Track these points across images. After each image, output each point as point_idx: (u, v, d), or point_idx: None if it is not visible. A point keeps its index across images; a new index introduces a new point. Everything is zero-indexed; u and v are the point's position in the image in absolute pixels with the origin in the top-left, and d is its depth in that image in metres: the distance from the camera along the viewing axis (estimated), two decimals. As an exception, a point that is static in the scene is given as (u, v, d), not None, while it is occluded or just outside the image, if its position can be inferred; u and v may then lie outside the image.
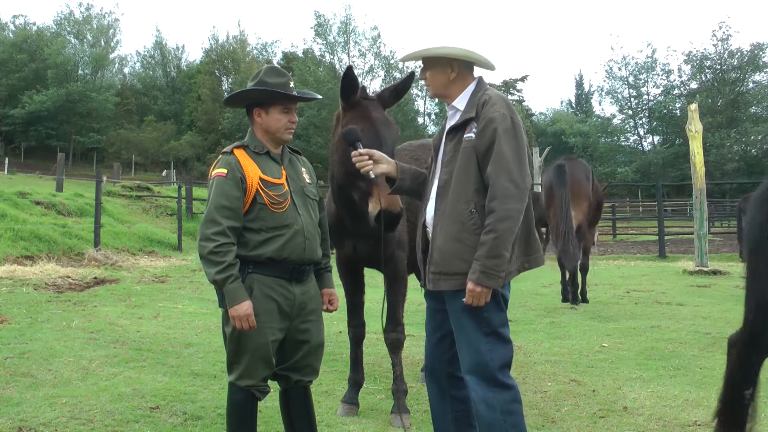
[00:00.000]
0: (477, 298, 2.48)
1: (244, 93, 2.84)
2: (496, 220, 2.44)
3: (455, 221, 2.55)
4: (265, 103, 2.79)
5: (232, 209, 2.67)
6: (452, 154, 2.63)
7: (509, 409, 2.53)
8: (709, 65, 44.91)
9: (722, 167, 40.48)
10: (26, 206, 13.71)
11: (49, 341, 5.50)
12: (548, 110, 73.19)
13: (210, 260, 2.62)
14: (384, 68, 51.41)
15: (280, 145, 2.88)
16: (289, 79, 2.82)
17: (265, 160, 2.81)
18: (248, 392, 2.77)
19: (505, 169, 2.47)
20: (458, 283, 2.53)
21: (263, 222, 2.72)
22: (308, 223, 2.83)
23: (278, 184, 2.78)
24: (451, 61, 2.67)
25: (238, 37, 58.32)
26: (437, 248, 2.60)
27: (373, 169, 2.76)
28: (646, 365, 5.06)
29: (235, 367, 2.76)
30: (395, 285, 3.92)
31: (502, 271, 2.47)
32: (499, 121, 2.51)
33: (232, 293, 2.62)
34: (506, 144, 2.49)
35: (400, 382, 3.90)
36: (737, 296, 9.02)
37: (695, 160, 12.45)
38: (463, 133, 2.61)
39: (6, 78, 50.43)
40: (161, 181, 34.17)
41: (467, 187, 2.56)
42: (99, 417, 3.67)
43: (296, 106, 2.87)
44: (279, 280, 2.74)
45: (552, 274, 12.18)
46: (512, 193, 2.46)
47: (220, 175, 2.71)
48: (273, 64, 2.99)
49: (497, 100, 2.58)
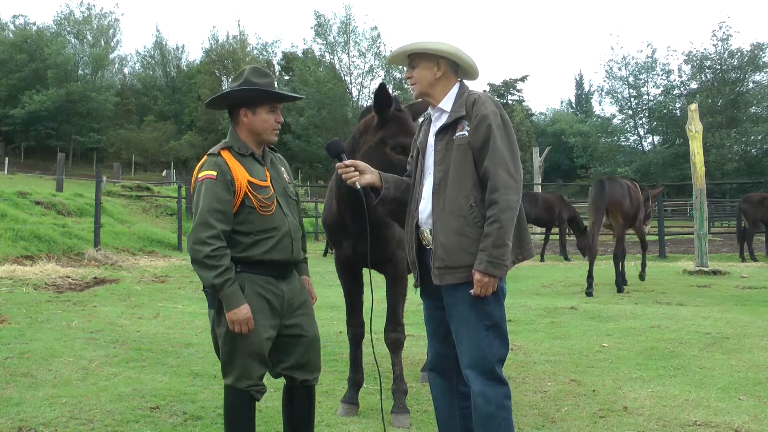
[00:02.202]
0: (485, 287, 2.54)
1: (233, 93, 2.78)
2: (498, 211, 2.52)
3: (456, 216, 2.61)
4: (251, 104, 2.77)
5: (223, 212, 2.65)
6: (445, 153, 2.68)
7: (503, 404, 2.61)
8: (709, 65, 44.89)
9: (722, 167, 40.46)
10: (26, 206, 13.72)
11: (49, 341, 5.50)
12: (548, 110, 73.37)
13: (206, 264, 2.62)
14: (384, 68, 51.36)
15: (262, 146, 2.87)
16: (273, 80, 2.85)
17: (250, 161, 2.79)
18: (246, 393, 2.76)
19: (502, 162, 2.56)
20: (464, 275, 2.59)
21: (252, 225, 2.72)
22: (293, 224, 2.86)
23: (265, 187, 2.78)
24: (437, 58, 2.73)
25: (238, 37, 58.32)
26: (440, 244, 2.63)
27: (359, 179, 2.80)
28: (646, 365, 5.06)
29: (231, 369, 2.75)
30: (396, 285, 3.93)
31: (506, 260, 2.55)
32: (492, 118, 2.61)
33: (230, 297, 2.62)
34: (501, 139, 2.59)
35: (400, 382, 3.91)
36: (737, 296, 9.02)
37: (695, 160, 12.45)
38: (455, 131, 2.67)
39: (6, 78, 50.43)
40: (161, 181, 34.19)
41: (465, 182, 2.62)
42: (99, 417, 3.67)
43: (280, 107, 2.87)
44: (267, 278, 2.76)
45: (552, 275, 12.20)
46: (511, 185, 2.55)
47: (210, 177, 2.68)
48: (255, 65, 2.99)
49: (486, 99, 2.68)
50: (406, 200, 2.89)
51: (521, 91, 57.61)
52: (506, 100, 55.84)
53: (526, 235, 2.75)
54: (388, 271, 3.93)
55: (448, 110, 2.72)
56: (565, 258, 15.56)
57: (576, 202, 20.88)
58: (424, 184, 2.76)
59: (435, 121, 2.79)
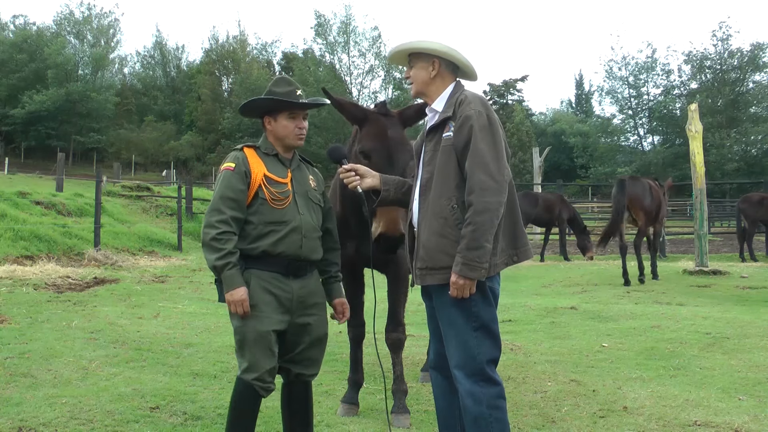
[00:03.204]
0: (461, 290, 2.54)
1: (251, 103, 3.01)
2: (474, 213, 2.51)
3: (438, 217, 2.62)
4: (273, 111, 2.95)
5: (236, 200, 2.80)
6: (432, 153, 2.71)
7: (495, 404, 2.59)
8: (709, 65, 44.85)
9: (722, 167, 40.43)
10: (26, 206, 13.71)
11: (49, 341, 5.50)
12: (548, 110, 73.17)
13: (211, 246, 2.74)
14: (384, 68, 51.38)
15: (290, 150, 3.01)
16: (296, 88, 2.96)
17: (273, 160, 2.95)
18: (252, 388, 2.80)
19: (481, 163, 2.54)
20: (444, 277, 2.59)
21: (261, 216, 2.83)
22: (308, 222, 2.91)
23: (282, 183, 2.90)
24: (432, 58, 2.75)
25: (238, 37, 58.34)
26: (422, 245, 2.66)
27: (360, 184, 2.83)
28: (646, 365, 5.06)
29: (242, 359, 2.83)
30: (397, 285, 3.94)
31: (484, 263, 2.52)
32: (475, 119, 2.59)
33: (229, 279, 2.72)
34: (482, 140, 2.57)
35: (400, 382, 3.91)
36: (737, 296, 9.03)
37: (695, 160, 12.45)
38: (442, 132, 2.69)
39: (6, 78, 50.40)
40: (161, 181, 34.19)
41: (448, 183, 2.63)
42: (99, 417, 3.67)
43: (305, 113, 3.00)
44: (275, 274, 2.83)
45: (552, 275, 12.20)
46: (489, 186, 2.52)
47: (228, 168, 2.85)
48: (283, 75, 3.18)
49: (473, 99, 2.66)
50: (407, 202, 2.90)
51: (521, 91, 57.41)
52: (506, 100, 55.69)
53: (522, 236, 2.73)
54: (389, 271, 3.94)
55: (440, 110, 2.74)
56: (565, 258, 15.56)
57: (576, 202, 20.88)
58: (416, 184, 2.80)
59: (429, 121, 2.82)
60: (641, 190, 10.99)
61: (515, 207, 2.70)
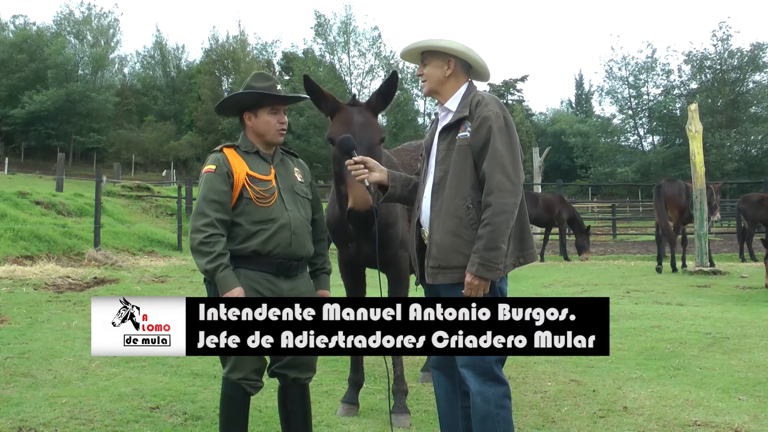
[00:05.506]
0: (475, 290, 2.54)
1: (231, 98, 2.93)
2: (492, 214, 2.51)
3: (452, 217, 2.61)
4: (253, 107, 2.88)
5: (220, 202, 2.75)
6: (446, 153, 2.69)
7: (502, 403, 2.60)
8: (709, 65, 44.82)
9: (722, 167, 40.41)
10: (26, 206, 13.71)
11: (49, 341, 5.50)
12: (548, 110, 73.21)
13: (200, 251, 2.69)
14: (384, 68, 51.34)
15: (272, 147, 2.95)
16: (275, 83, 2.90)
17: (254, 158, 2.89)
18: (239, 387, 2.79)
19: (500, 164, 2.55)
20: (457, 276, 2.59)
21: (249, 216, 2.79)
22: (296, 218, 2.87)
23: (265, 180, 2.85)
24: (448, 57, 2.73)
25: (238, 37, 58.22)
26: (435, 243, 2.64)
27: (368, 177, 2.81)
28: (646, 365, 5.06)
29: (226, 359, 2.81)
30: (397, 285, 3.94)
31: (500, 263, 2.53)
32: (494, 120, 2.59)
33: (223, 281, 2.67)
34: (501, 141, 2.57)
35: (400, 383, 3.91)
36: (737, 296, 9.02)
37: (695, 160, 12.44)
38: (457, 132, 2.67)
39: (6, 78, 50.34)
40: (161, 181, 34.19)
41: (463, 183, 2.62)
42: (99, 417, 3.68)
43: (285, 108, 2.92)
44: (265, 275, 2.79)
45: (552, 275, 12.19)
46: (507, 188, 2.53)
47: (209, 171, 2.80)
48: (260, 70, 3.09)
49: (490, 100, 2.66)
50: (413, 199, 2.89)
51: (521, 91, 57.56)
52: (506, 100, 55.78)
53: (529, 238, 2.73)
54: (390, 271, 3.93)
55: (454, 110, 2.72)
56: (565, 258, 15.55)
57: (576, 202, 20.86)
58: (426, 183, 2.78)
59: (441, 120, 2.80)
60: (677, 191, 12.32)
61: (524, 210, 2.70)
